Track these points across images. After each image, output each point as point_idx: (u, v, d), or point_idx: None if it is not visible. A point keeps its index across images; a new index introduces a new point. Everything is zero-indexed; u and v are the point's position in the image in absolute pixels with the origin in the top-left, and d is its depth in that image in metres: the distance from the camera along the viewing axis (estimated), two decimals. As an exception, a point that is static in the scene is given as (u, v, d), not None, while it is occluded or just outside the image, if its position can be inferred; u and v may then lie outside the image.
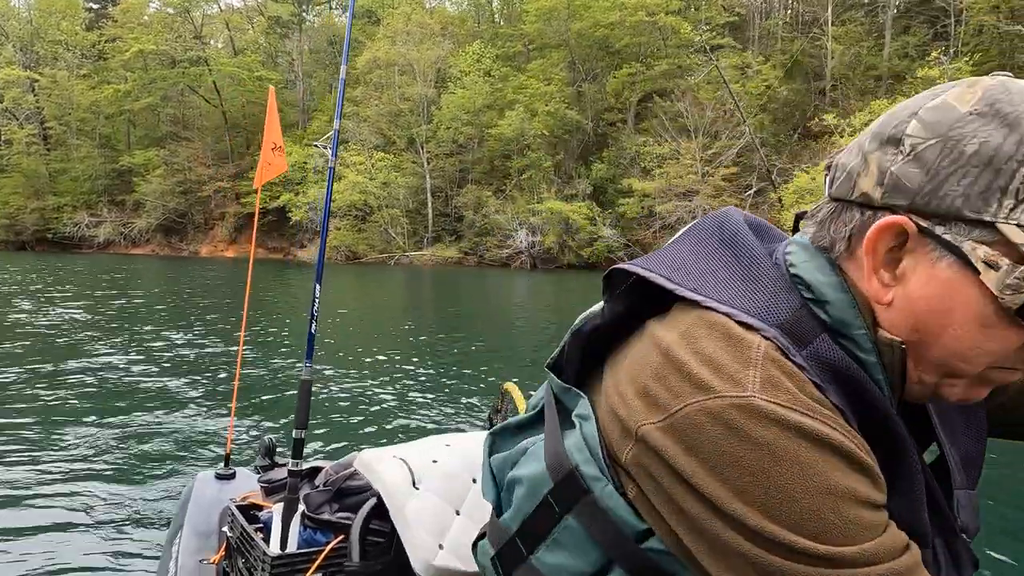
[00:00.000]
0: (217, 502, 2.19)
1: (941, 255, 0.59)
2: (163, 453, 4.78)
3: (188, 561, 2.00)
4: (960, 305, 0.60)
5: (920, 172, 0.58)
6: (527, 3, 39.33)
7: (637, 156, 30.45)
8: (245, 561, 1.82)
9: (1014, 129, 0.55)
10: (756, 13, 38.00)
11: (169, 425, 5.41)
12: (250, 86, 44.16)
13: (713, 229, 0.68)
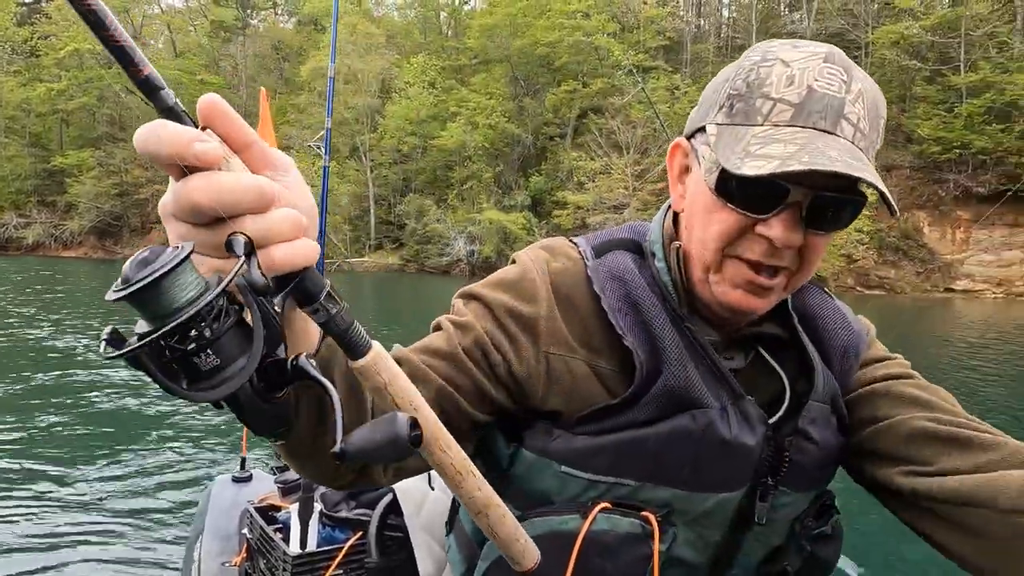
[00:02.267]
0: (235, 505, 2.20)
1: (697, 160, 0.76)
2: (179, 459, 4.76)
3: (211, 565, 2.00)
4: (699, 196, 0.76)
5: (696, 109, 0.79)
6: (471, 19, 40.44)
7: (573, 170, 31.81)
8: (267, 562, 1.85)
9: (735, 67, 0.74)
10: (688, 38, 40.18)
11: (183, 431, 5.38)
12: (192, 89, 43.68)
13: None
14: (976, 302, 25.41)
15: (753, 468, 0.79)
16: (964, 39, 28.61)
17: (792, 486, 0.81)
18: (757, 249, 0.72)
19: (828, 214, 0.71)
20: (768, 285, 0.74)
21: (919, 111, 29.11)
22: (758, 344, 0.84)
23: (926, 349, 12.56)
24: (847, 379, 0.86)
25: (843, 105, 0.69)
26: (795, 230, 0.70)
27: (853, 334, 0.87)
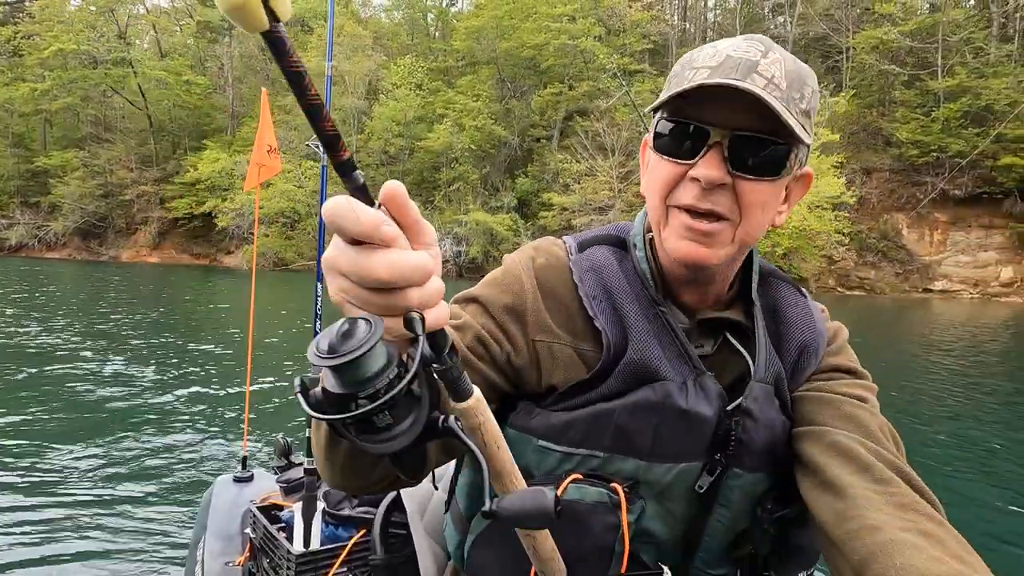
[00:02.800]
0: (237, 505, 2.22)
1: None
2: (180, 459, 4.78)
3: (214, 565, 2.01)
4: (649, 161, 0.86)
5: None
6: (458, 21, 40.61)
7: (559, 172, 32.07)
8: (270, 561, 1.86)
9: (675, 66, 0.83)
10: (674, 42, 40.59)
11: (183, 432, 5.41)
12: (177, 89, 43.56)
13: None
14: (953, 302, 25.93)
15: (708, 440, 0.83)
16: (941, 44, 29.18)
17: (742, 465, 0.84)
18: (691, 192, 0.78)
19: (750, 155, 0.77)
20: (708, 230, 0.79)
21: (898, 115, 29.65)
22: (726, 330, 0.90)
23: (904, 349, 12.88)
24: (801, 374, 0.90)
25: (756, 64, 0.75)
26: (718, 168, 0.76)
27: (815, 333, 0.91)
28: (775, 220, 0.84)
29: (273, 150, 3.08)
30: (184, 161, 41.32)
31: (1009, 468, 5.31)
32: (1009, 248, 27.24)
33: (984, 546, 3.82)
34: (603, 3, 36.39)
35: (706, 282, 0.87)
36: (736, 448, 0.83)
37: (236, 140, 42.28)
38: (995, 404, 7.64)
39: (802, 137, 0.75)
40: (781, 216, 0.86)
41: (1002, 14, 30.66)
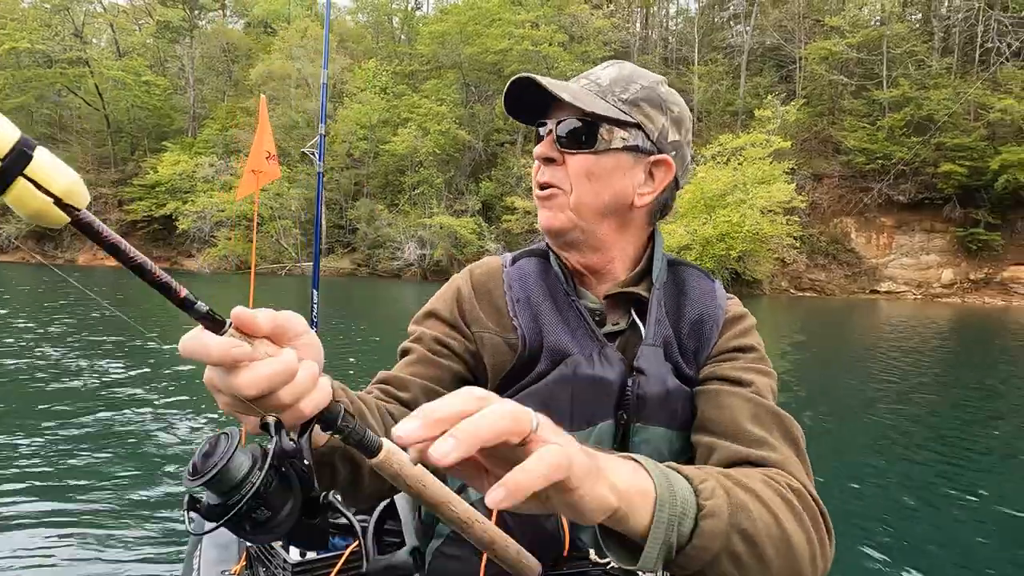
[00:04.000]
0: None
1: None
2: (174, 467, 4.80)
3: (210, 572, 2.03)
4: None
5: None
6: (423, 25, 40.86)
7: (522, 176, 32.56)
8: (266, 570, 1.86)
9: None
10: (635, 49, 41.51)
11: (177, 440, 5.43)
12: (136, 90, 42.85)
13: None
14: (898, 303, 27.11)
15: (615, 399, 0.94)
16: (886, 56, 30.54)
17: (641, 418, 0.94)
18: (538, 173, 0.99)
19: (570, 135, 0.94)
20: (546, 195, 0.97)
21: (846, 123, 30.91)
22: (631, 307, 1.02)
23: (852, 347, 13.60)
24: (702, 343, 1.00)
25: (591, 74, 0.98)
26: (547, 146, 0.95)
27: (714, 306, 1.03)
28: (635, 200, 0.97)
29: (272, 156, 3.11)
30: (143, 163, 40.68)
31: (936, 448, 5.79)
32: (949, 251, 28.63)
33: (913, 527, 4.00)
34: (566, 10, 37.06)
35: (589, 252, 1.01)
36: (634, 403, 0.94)
37: (197, 142, 41.83)
38: (933, 396, 8.21)
39: (607, 114, 0.92)
40: (643, 197, 0.97)
41: (942, 28, 32.23)
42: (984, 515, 4.26)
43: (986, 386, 9.23)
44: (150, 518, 3.88)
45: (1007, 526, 4.08)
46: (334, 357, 9.85)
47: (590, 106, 0.91)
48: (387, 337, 12.24)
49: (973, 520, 4.17)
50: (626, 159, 0.95)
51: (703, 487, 0.65)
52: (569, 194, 0.95)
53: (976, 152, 26.77)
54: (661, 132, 0.96)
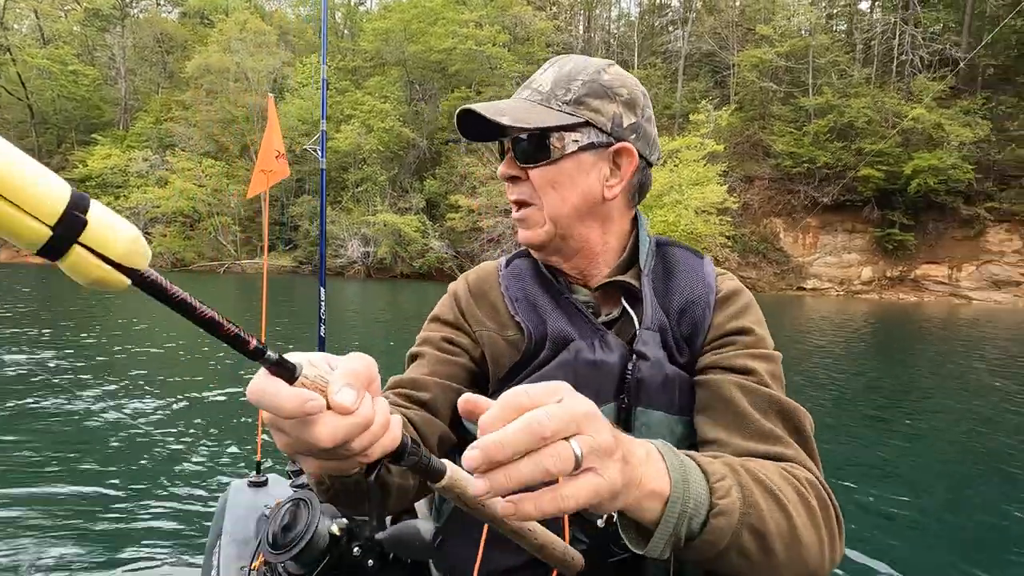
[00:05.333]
0: (253, 509, 2.21)
1: None
2: (193, 465, 4.79)
3: (230, 570, 2.03)
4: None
5: None
6: (366, 22, 40.56)
7: (466, 175, 32.85)
8: (284, 567, 1.85)
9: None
10: (577, 52, 42.30)
11: (196, 437, 5.40)
12: (63, 80, 41.03)
13: None
14: (823, 299, 28.66)
15: (616, 381, 0.95)
16: (812, 65, 32.21)
17: (641, 402, 0.94)
18: (508, 192, 1.01)
19: (524, 152, 0.95)
20: (521, 216, 0.99)
21: (775, 129, 32.45)
22: (623, 295, 1.02)
23: (782, 341, 14.46)
24: (697, 325, 0.99)
25: (533, 81, 0.98)
26: (508, 164, 0.97)
27: (703, 286, 1.02)
28: (604, 193, 0.97)
29: (281, 155, 3.09)
30: (71, 156, 39.02)
31: (852, 428, 6.42)
32: (868, 250, 30.47)
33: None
34: (509, 11, 37.50)
35: (573, 255, 1.03)
36: (635, 385, 0.94)
37: (130, 135, 40.39)
38: (857, 384, 8.95)
39: (553, 124, 0.92)
40: (611, 189, 0.97)
41: (863, 40, 34.21)
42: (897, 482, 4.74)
43: (900, 372, 10.12)
44: (171, 515, 3.93)
45: (917, 487, 4.68)
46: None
47: (532, 122, 0.91)
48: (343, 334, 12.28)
49: (884, 491, 4.52)
50: (585, 158, 0.95)
51: (719, 486, 0.68)
52: (541, 207, 0.97)
53: (892, 157, 28.55)
54: (614, 121, 0.95)
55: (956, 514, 4.27)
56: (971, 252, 28.09)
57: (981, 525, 4.08)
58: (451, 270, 31.87)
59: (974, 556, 3.62)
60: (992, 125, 27.49)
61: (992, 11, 29.93)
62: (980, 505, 4.38)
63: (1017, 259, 26.83)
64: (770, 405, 0.90)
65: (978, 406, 7.33)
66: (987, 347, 13.36)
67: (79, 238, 0.38)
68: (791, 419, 0.90)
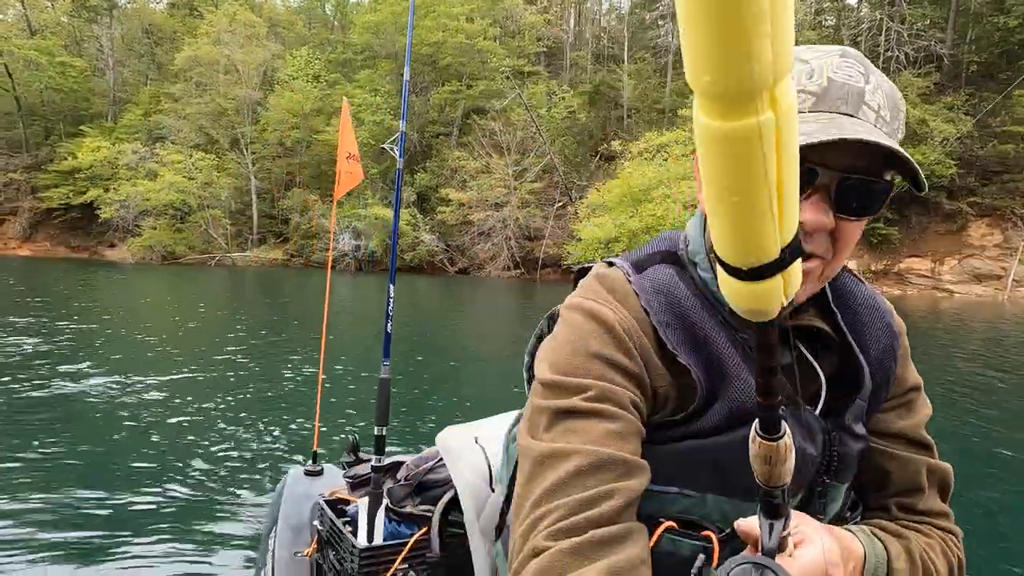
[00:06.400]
0: (307, 497, 2.26)
1: None
2: (253, 453, 4.94)
3: (283, 554, 2.06)
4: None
5: None
6: (356, 15, 40.52)
7: (457, 169, 33.02)
8: (336, 553, 1.89)
9: None
10: (567, 46, 42.45)
11: (257, 428, 5.59)
12: (50, 71, 40.71)
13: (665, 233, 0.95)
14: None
15: (813, 475, 0.82)
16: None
17: (840, 479, 0.84)
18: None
19: (856, 197, 0.71)
20: (804, 269, 0.69)
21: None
22: (799, 339, 0.84)
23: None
24: (887, 383, 0.88)
25: (863, 93, 0.71)
26: (825, 213, 0.70)
27: (892, 335, 0.88)
28: None
29: (353, 156, 3.02)
30: (59, 148, 38.80)
31: None
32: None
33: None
34: (500, 4, 37.57)
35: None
36: (835, 466, 0.83)
37: (119, 128, 40.21)
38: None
39: (917, 170, 0.70)
40: None
41: (851, 37, 34.54)
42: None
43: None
44: (228, 500, 4.06)
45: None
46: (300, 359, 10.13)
47: (905, 153, 0.69)
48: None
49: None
50: None
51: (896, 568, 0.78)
52: (828, 264, 0.75)
53: (877, 152, 28.93)
54: None
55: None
56: (953, 246, 28.58)
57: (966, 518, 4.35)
58: (441, 263, 32.08)
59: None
60: (975, 121, 27.95)
61: (976, 7, 30.35)
62: (965, 498, 4.62)
63: (998, 253, 27.34)
64: (939, 479, 0.90)
65: (964, 400, 7.61)
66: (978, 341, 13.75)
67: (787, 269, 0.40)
68: (947, 486, 0.91)
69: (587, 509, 0.69)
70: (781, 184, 0.36)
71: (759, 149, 0.34)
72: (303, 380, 7.57)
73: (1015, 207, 27.22)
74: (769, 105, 0.33)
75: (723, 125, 0.33)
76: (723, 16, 0.30)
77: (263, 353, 9.20)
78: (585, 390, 0.75)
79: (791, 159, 0.36)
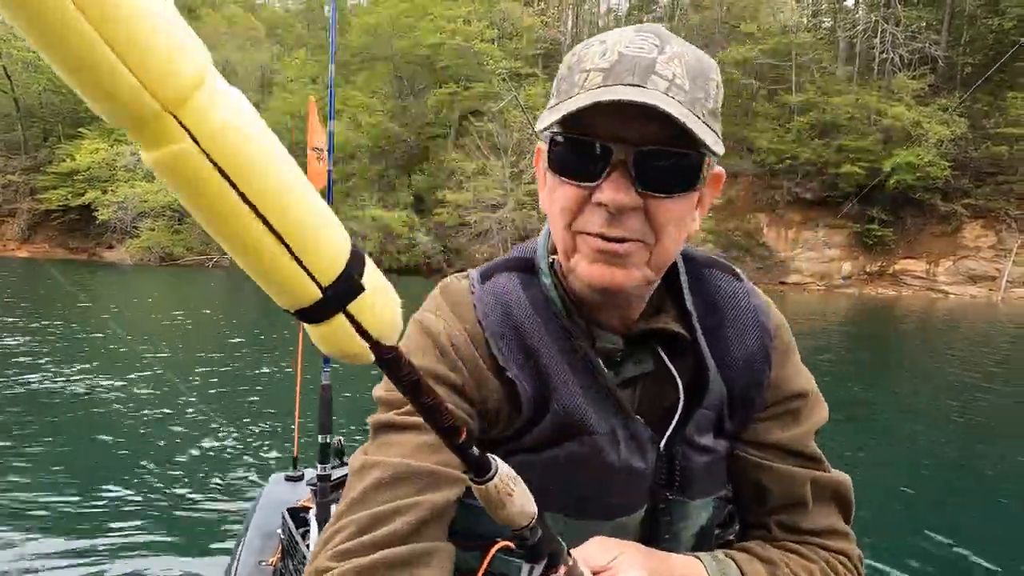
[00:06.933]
0: (283, 503, 2.22)
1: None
2: (236, 458, 4.89)
3: (249, 561, 2.01)
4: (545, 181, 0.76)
5: None
6: (354, 17, 40.64)
7: (454, 171, 33.13)
8: (293, 563, 1.86)
9: (563, 65, 0.74)
10: (565, 47, 42.55)
11: (240, 431, 5.53)
12: (49, 73, 40.77)
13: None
14: (804, 294, 29.19)
15: (648, 489, 0.78)
16: (795, 63, 32.65)
17: (687, 495, 0.79)
18: (597, 220, 0.69)
19: (659, 172, 0.67)
20: (620, 251, 0.69)
21: (758, 125, 32.89)
22: (659, 344, 0.80)
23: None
24: (755, 388, 0.81)
25: (654, 63, 0.66)
26: (625, 191, 0.67)
27: (760, 336, 0.82)
28: (689, 229, 0.74)
29: (322, 158, 3.04)
30: (58, 149, 38.90)
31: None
32: (848, 246, 30.99)
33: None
34: (497, 6, 37.67)
35: (625, 304, 0.78)
36: (682, 479, 0.78)
37: (117, 129, 40.22)
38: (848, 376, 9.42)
39: (711, 146, 0.67)
40: (695, 223, 0.75)
41: (846, 39, 34.68)
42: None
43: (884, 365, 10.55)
44: (207, 505, 4.03)
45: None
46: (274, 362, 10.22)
47: (701, 134, 0.66)
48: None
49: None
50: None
51: None
52: (651, 246, 0.72)
53: (872, 154, 29.04)
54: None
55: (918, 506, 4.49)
56: (948, 247, 28.67)
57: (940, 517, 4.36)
58: (438, 264, 32.17)
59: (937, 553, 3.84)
60: (969, 123, 28.05)
61: (971, 9, 30.46)
62: (941, 498, 4.61)
63: (992, 254, 27.44)
64: (831, 493, 0.84)
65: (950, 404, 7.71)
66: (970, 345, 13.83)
67: (348, 305, 0.33)
68: (843, 501, 0.85)
69: (378, 527, 0.65)
70: (274, 215, 0.30)
71: (194, 180, 0.29)
72: (290, 383, 7.64)
73: (1009, 208, 27.31)
74: (183, 133, 0.29)
75: (147, 156, 0.29)
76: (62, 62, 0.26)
77: (255, 355, 9.27)
78: (403, 404, 0.72)
79: (263, 185, 0.30)
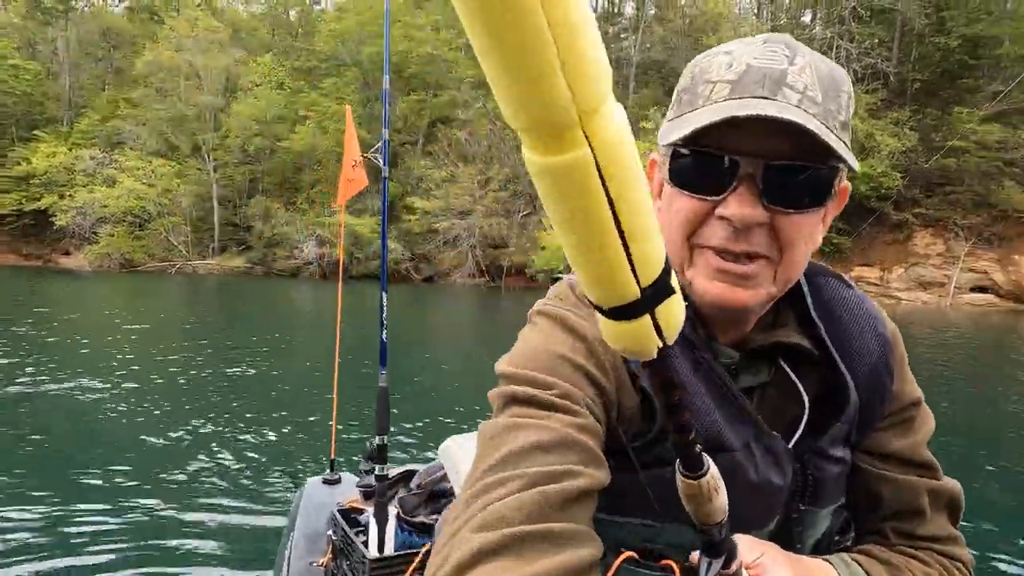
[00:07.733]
0: (324, 506, 2.24)
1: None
2: (273, 461, 4.96)
3: (299, 564, 2.03)
4: (665, 197, 0.74)
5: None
6: (321, 22, 40.47)
7: (423, 177, 33.20)
8: (348, 563, 1.87)
9: (684, 75, 0.73)
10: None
11: (276, 435, 5.60)
12: (2, 74, 39.59)
13: None
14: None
15: (782, 506, 0.77)
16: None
17: (817, 504, 0.79)
18: (720, 234, 0.67)
19: (788, 186, 0.65)
20: (744, 272, 0.68)
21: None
22: (780, 356, 0.79)
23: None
24: (879, 398, 0.80)
25: (785, 75, 0.65)
26: (752, 206, 0.65)
27: (879, 344, 0.80)
28: (816, 245, 0.72)
29: (358, 164, 3.01)
30: (11, 153, 37.73)
31: None
32: (807, 253, 32.04)
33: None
34: (465, 16, 37.84)
35: (744, 319, 0.76)
36: (811, 491, 0.78)
37: (74, 132, 39.32)
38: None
39: (845, 157, 0.64)
40: (819, 238, 0.73)
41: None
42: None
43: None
44: (247, 507, 4.08)
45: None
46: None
47: (838, 147, 0.64)
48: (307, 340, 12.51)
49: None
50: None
51: None
52: (777, 264, 0.70)
53: (829, 165, 30.06)
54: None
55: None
56: (900, 255, 29.83)
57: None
58: (407, 271, 32.15)
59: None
60: (919, 136, 29.30)
61: (919, 28, 31.84)
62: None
63: (941, 261, 28.64)
64: (946, 501, 0.83)
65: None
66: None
67: (657, 307, 0.35)
68: (956, 508, 0.84)
69: (549, 482, 0.58)
70: (626, 220, 0.33)
71: (580, 184, 0.32)
72: (293, 387, 7.60)
73: (956, 218, 28.59)
74: (584, 140, 0.31)
75: (542, 160, 0.32)
76: (503, 58, 0.29)
77: (266, 359, 9.39)
78: (549, 387, 0.67)
79: (629, 193, 0.33)
